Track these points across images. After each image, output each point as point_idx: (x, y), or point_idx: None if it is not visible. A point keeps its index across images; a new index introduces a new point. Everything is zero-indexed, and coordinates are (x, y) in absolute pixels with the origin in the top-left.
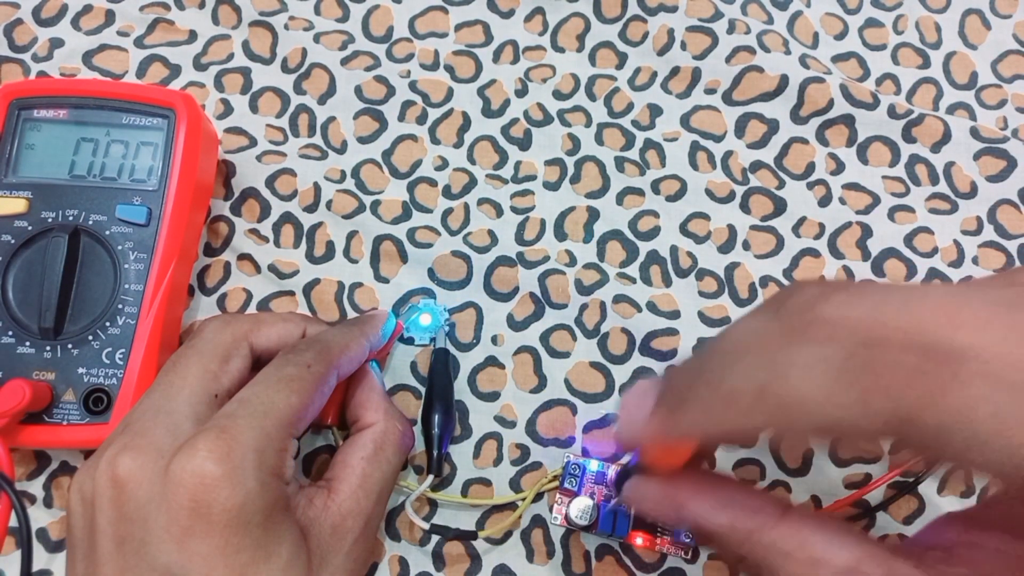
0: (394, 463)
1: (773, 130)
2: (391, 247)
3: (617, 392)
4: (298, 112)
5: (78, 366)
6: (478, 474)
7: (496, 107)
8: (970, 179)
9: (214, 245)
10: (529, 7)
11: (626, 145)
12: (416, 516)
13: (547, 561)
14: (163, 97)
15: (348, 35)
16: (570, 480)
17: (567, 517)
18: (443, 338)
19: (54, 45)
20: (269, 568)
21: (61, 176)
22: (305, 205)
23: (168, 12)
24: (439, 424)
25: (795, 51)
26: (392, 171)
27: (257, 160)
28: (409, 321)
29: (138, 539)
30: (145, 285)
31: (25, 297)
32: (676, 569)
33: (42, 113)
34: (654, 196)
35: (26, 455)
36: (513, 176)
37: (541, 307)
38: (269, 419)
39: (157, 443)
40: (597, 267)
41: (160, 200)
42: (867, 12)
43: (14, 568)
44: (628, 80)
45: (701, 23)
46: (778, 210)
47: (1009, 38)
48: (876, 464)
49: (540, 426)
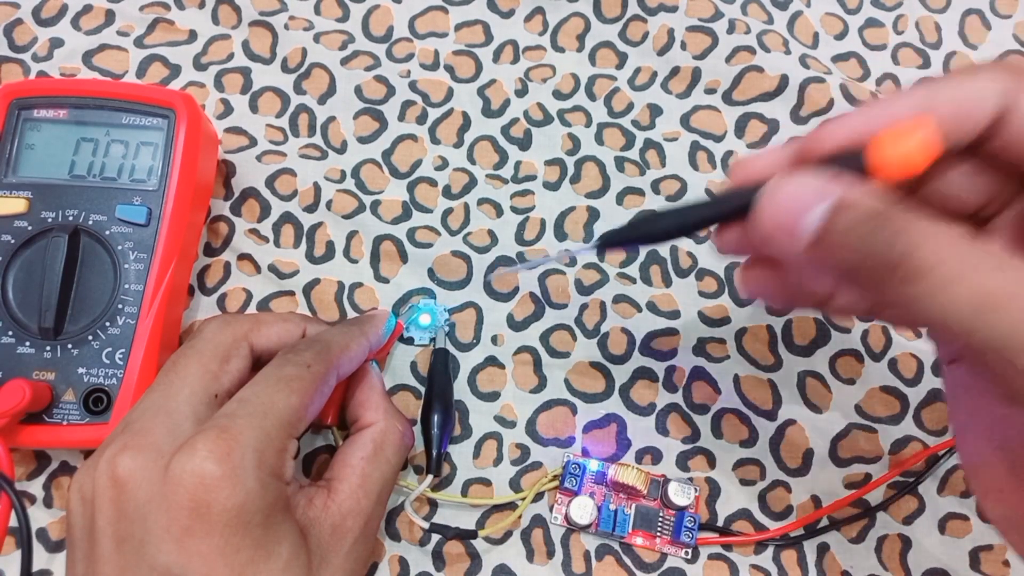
0: (394, 463)
1: (773, 130)
2: (391, 247)
3: (617, 392)
4: (298, 112)
5: (78, 366)
6: (478, 474)
7: (496, 107)
8: None
9: (214, 245)
10: (529, 7)
11: (626, 145)
12: (416, 516)
13: (547, 561)
14: (163, 97)
15: (348, 35)
16: (570, 480)
17: (567, 517)
18: (443, 338)
19: (54, 45)
20: (269, 568)
21: (61, 176)
22: (305, 205)
23: (168, 12)
24: (438, 424)
25: (795, 51)
26: (392, 171)
27: (257, 160)
28: (409, 321)
29: (138, 539)
30: (145, 285)
31: (25, 297)
32: (676, 569)
33: (42, 113)
34: (654, 196)
35: (26, 455)
36: (513, 176)
37: (541, 307)
38: (269, 419)
39: (157, 443)
40: (597, 267)
41: (160, 200)
42: (867, 12)
43: (14, 568)
44: (628, 80)
45: (701, 23)
46: None
47: (1009, 38)
48: (876, 464)
49: (540, 426)
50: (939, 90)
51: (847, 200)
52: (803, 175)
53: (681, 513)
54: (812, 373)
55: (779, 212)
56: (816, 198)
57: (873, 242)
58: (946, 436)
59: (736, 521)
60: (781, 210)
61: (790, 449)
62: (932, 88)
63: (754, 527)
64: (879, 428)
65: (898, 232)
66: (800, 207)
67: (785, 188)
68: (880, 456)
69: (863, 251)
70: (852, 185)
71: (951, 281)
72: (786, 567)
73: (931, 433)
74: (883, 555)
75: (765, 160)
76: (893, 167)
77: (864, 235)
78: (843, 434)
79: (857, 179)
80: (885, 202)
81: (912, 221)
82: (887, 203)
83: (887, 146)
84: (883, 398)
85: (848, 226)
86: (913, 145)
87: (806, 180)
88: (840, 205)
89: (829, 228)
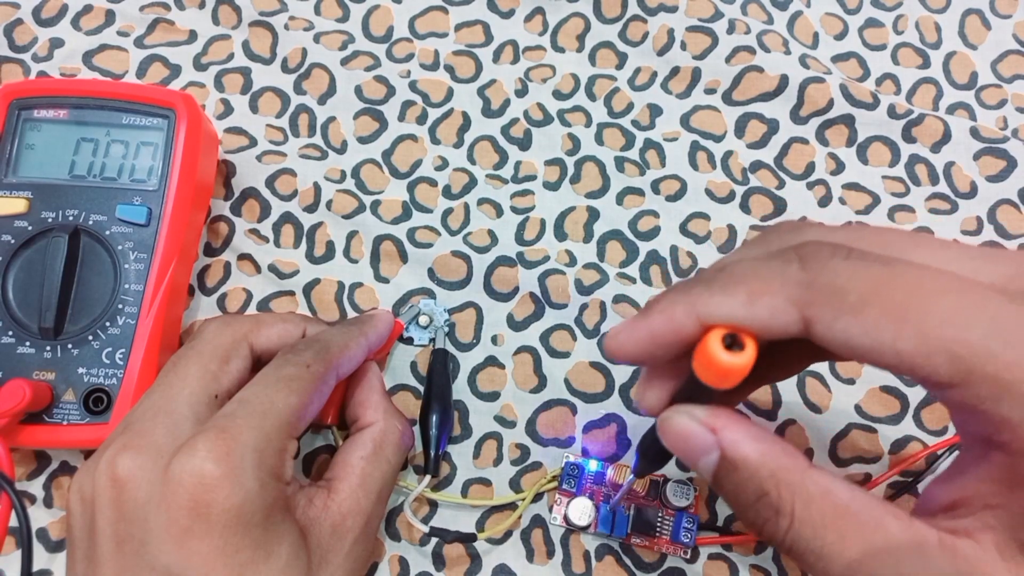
0: (394, 462)
1: (773, 130)
2: (391, 247)
3: (617, 392)
4: (298, 112)
5: (78, 366)
6: (478, 474)
7: (496, 107)
8: (970, 179)
9: (214, 245)
10: (529, 7)
11: (626, 145)
12: (415, 519)
13: (547, 561)
14: (163, 97)
15: (348, 35)
16: (568, 481)
17: (566, 518)
18: (442, 339)
19: (54, 45)
20: (269, 568)
21: (61, 176)
22: (305, 205)
23: (168, 12)
24: (437, 424)
25: (795, 51)
26: (392, 171)
27: (257, 160)
28: (409, 321)
29: (138, 539)
30: (145, 285)
31: (25, 297)
32: (676, 569)
33: (42, 113)
34: (654, 196)
35: (26, 455)
36: (513, 176)
37: (541, 307)
38: (268, 419)
39: (157, 443)
40: (597, 267)
41: (160, 200)
42: (867, 12)
43: (14, 568)
44: (628, 80)
45: (701, 23)
46: (778, 210)
47: (1009, 38)
48: (876, 463)
49: (540, 426)
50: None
51: (727, 455)
52: (685, 419)
53: (680, 514)
54: (812, 373)
55: (678, 449)
56: (701, 447)
57: (752, 512)
58: (946, 437)
59: (736, 521)
60: (679, 449)
61: None
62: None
63: None
64: (879, 428)
65: (772, 508)
66: (692, 451)
67: (673, 428)
68: (880, 456)
69: (738, 499)
70: (731, 437)
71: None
72: (786, 567)
73: (931, 433)
74: None
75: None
76: (714, 380)
77: (745, 504)
78: (843, 434)
79: (726, 414)
80: (759, 457)
81: (792, 486)
82: (759, 459)
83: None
84: (883, 398)
85: (727, 479)
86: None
87: (687, 424)
88: (722, 460)
89: (718, 480)
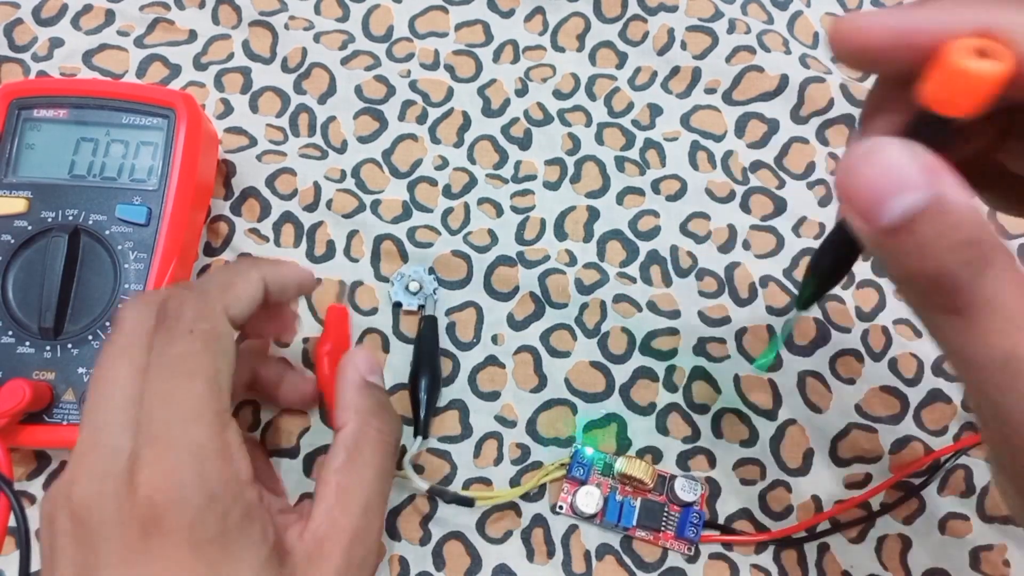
0: (376, 464)
1: (773, 130)
2: (391, 246)
3: (617, 392)
4: (298, 112)
5: (78, 366)
6: (478, 473)
7: (496, 107)
8: None
9: (214, 245)
10: (529, 7)
11: (626, 145)
12: (415, 476)
13: (547, 561)
14: (163, 97)
15: (348, 35)
16: (578, 468)
17: (572, 506)
18: (432, 305)
19: (54, 45)
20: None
21: (61, 176)
22: (305, 204)
23: (168, 12)
24: (426, 388)
25: (795, 51)
26: (392, 171)
27: (257, 160)
28: (397, 286)
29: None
30: (145, 285)
31: (25, 297)
32: (677, 569)
33: (42, 113)
34: (654, 196)
35: (26, 455)
36: (513, 176)
37: (541, 307)
38: (190, 420)
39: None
40: (597, 267)
41: (160, 200)
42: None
43: (13, 568)
44: (628, 80)
45: (701, 23)
46: (778, 210)
47: None
48: (876, 464)
49: (540, 425)
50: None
51: (947, 197)
52: (901, 148)
53: (687, 509)
54: (812, 373)
55: (877, 183)
56: (908, 181)
57: (950, 260)
58: (946, 436)
59: (736, 521)
60: (878, 183)
61: (790, 449)
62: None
63: (754, 527)
64: (879, 428)
65: (978, 259)
66: (892, 185)
67: (881, 157)
68: (880, 456)
69: (935, 265)
70: (951, 181)
71: (996, 328)
72: (786, 567)
73: (931, 433)
74: (883, 555)
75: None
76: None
77: (945, 250)
78: (843, 434)
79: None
80: (981, 218)
81: (999, 250)
82: (983, 221)
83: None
84: (883, 398)
85: (931, 221)
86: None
87: (900, 154)
88: (936, 207)
89: (911, 227)
